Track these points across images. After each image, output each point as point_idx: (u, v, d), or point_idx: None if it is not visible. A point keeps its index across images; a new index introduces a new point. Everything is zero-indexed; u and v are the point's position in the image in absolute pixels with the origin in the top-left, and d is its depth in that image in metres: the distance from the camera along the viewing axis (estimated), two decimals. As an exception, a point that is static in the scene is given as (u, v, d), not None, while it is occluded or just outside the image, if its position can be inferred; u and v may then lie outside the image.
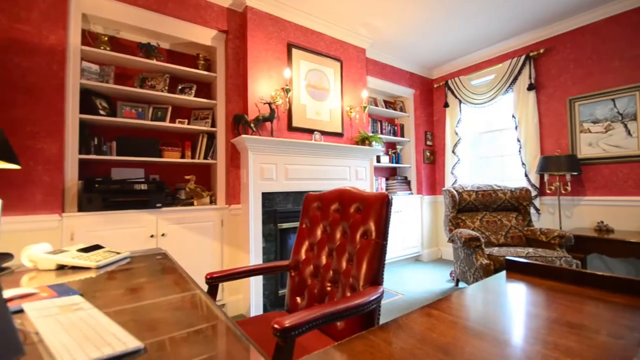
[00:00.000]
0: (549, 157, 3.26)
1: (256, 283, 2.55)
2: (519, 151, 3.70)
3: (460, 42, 3.88)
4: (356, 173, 3.37)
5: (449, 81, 4.46)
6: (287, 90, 2.82)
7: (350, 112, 3.45)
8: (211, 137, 2.81)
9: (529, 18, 3.34)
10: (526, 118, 3.64)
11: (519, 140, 3.71)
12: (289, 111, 2.97)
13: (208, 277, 1.40)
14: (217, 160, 2.75)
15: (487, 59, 4.13)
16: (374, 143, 3.48)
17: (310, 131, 3.11)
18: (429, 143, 4.70)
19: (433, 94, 4.82)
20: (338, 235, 1.42)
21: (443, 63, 4.54)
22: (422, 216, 4.44)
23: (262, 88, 2.81)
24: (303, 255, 1.55)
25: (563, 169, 3.15)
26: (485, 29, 3.55)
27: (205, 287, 2.38)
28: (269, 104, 2.68)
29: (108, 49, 2.40)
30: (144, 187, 2.27)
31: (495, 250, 2.74)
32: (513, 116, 3.77)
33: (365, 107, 3.53)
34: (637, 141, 2.95)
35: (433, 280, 3.48)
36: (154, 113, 2.61)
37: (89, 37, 2.46)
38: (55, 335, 0.60)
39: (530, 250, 2.71)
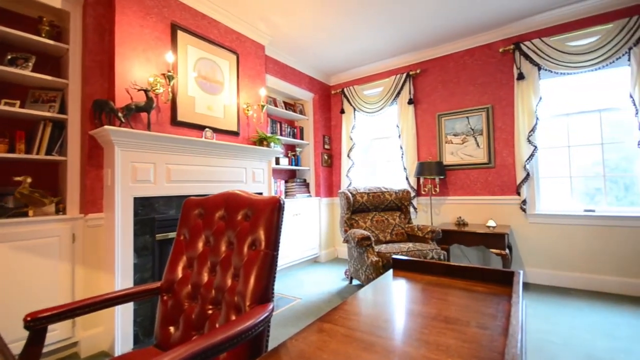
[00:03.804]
0: (423, 163, 3.76)
1: (123, 310, 2.06)
2: (402, 157, 4.16)
3: (355, 54, 4.13)
4: (253, 175, 3.16)
5: (345, 89, 4.71)
6: (169, 77, 2.41)
7: (248, 110, 3.23)
8: (59, 126, 2.16)
9: (409, 41, 3.80)
10: (407, 128, 4.13)
11: (401, 148, 4.17)
12: (173, 102, 2.55)
13: (28, 319, 0.99)
14: (68, 157, 2.13)
15: (378, 73, 4.53)
16: (272, 144, 3.34)
17: (201, 127, 2.76)
18: (326, 147, 4.86)
19: (331, 99, 5.02)
20: (223, 247, 1.21)
21: (340, 71, 4.77)
22: (320, 218, 4.54)
23: (136, 71, 2.32)
24: (179, 274, 1.28)
25: (433, 173, 3.68)
26: (375, 45, 3.87)
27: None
28: (146, 91, 2.23)
29: None
30: None
31: (383, 248, 2.96)
32: (397, 126, 4.23)
33: (263, 106, 3.36)
34: (483, 152, 3.67)
35: (330, 281, 3.55)
36: (-41, 87, 1.84)
37: None
38: None
39: (410, 245, 3.03)
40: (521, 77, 3.33)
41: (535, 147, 3.26)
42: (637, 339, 2.06)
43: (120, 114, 2.12)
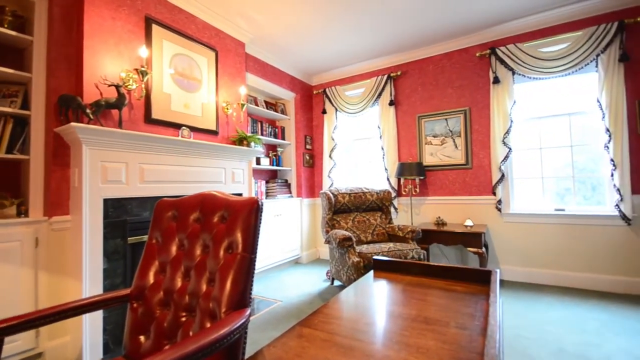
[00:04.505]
0: (404, 163, 3.81)
1: (92, 318, 1.95)
2: (383, 158, 4.20)
3: (337, 54, 4.13)
4: (233, 175, 3.09)
5: (327, 89, 4.70)
6: (143, 73, 2.30)
7: (227, 109, 3.15)
8: (21, 123, 2.01)
9: (390, 43, 3.84)
10: (388, 129, 4.17)
11: (382, 148, 4.21)
12: (147, 99, 2.44)
13: (-21, 332, 0.90)
14: (31, 156, 1.99)
15: (360, 74, 4.55)
16: (252, 144, 3.28)
17: (177, 126, 2.66)
18: (308, 147, 4.83)
19: (313, 99, 5.00)
20: (198, 250, 1.16)
21: (322, 71, 4.76)
22: (301, 219, 4.50)
23: (106, 65, 2.21)
24: (151, 279, 1.21)
25: (414, 173, 3.73)
26: (357, 46, 3.88)
27: None
28: (117, 86, 2.12)
29: None
30: None
31: (364, 248, 2.96)
32: (378, 127, 4.26)
33: (243, 105, 3.29)
34: (461, 153, 3.76)
35: (311, 282, 3.52)
36: None
37: None
38: None
39: (391, 245, 3.05)
40: (497, 81, 3.43)
41: (510, 148, 3.37)
42: (605, 333, 2.16)
43: (88, 111, 2.00)
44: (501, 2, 3.01)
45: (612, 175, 2.90)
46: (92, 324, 1.96)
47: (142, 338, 1.14)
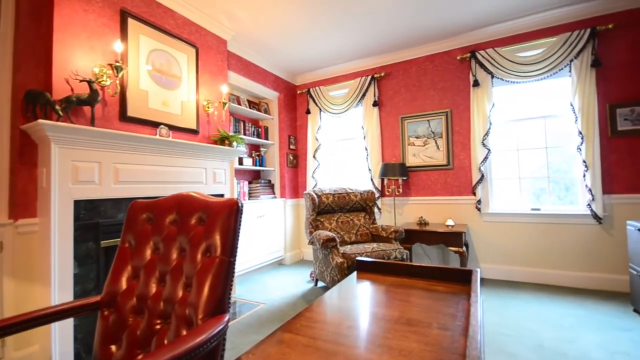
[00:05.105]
0: (387, 164, 3.83)
1: (61, 326, 1.84)
2: (366, 158, 4.22)
3: (321, 54, 4.11)
4: (214, 176, 3.01)
5: (311, 89, 4.68)
6: (117, 68, 2.20)
7: (208, 108, 3.07)
8: (-17, 119, 1.89)
9: (374, 44, 3.86)
10: (372, 130, 4.19)
11: (366, 149, 4.23)
12: (122, 96, 2.34)
13: None
14: (-6, 155, 1.87)
15: (344, 74, 4.55)
16: (235, 144, 3.21)
17: (155, 124, 2.56)
18: (292, 147, 4.79)
19: (297, 99, 4.96)
20: (174, 254, 1.11)
21: (306, 71, 4.73)
22: (285, 220, 4.46)
23: (78, 60, 2.09)
24: (124, 285, 1.15)
25: (397, 174, 3.76)
26: (342, 46, 3.88)
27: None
28: (89, 82, 2.01)
29: None
30: None
31: (348, 249, 2.96)
32: (362, 127, 4.28)
33: (225, 104, 3.22)
34: (442, 154, 3.82)
35: (295, 284, 3.49)
36: None
37: None
38: None
39: (375, 245, 3.06)
40: (476, 84, 3.52)
41: (489, 150, 3.46)
42: (580, 328, 2.24)
43: (57, 107, 1.88)
44: (482, 6, 3.08)
45: (584, 176, 3.03)
46: (62, 332, 1.85)
47: (113, 347, 1.08)
